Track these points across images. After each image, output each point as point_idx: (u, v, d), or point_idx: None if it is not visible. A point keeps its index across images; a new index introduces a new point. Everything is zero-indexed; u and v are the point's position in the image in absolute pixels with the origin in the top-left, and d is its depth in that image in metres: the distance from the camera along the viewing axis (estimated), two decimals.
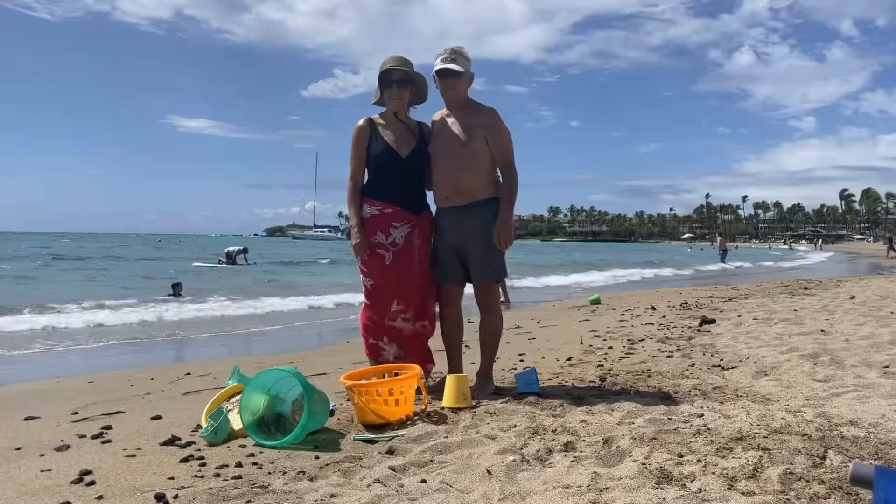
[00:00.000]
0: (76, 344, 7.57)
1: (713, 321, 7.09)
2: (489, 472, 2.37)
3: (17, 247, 45.38)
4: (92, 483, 2.48)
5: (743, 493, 2.13)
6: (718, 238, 34.61)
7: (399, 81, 3.73)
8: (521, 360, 5.08)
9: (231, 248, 27.71)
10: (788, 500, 2.08)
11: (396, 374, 3.46)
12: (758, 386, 3.81)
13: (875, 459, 2.46)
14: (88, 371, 5.57)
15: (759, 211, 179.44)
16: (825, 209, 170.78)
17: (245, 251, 27.51)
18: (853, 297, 9.47)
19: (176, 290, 12.75)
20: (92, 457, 2.82)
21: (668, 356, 5.03)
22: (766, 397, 3.52)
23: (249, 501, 2.24)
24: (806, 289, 12.17)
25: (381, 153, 3.75)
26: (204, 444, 2.95)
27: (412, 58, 3.83)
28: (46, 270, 23.50)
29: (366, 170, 3.84)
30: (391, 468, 2.48)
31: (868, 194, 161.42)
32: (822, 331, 5.98)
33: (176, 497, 2.29)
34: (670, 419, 3.03)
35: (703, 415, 3.10)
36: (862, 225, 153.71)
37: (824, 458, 2.43)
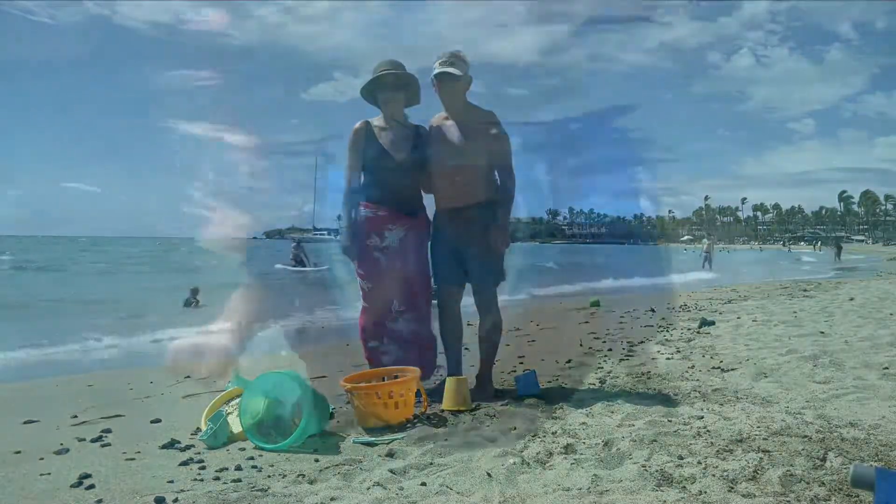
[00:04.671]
0: (75, 347, 7.55)
1: (712, 323, 7.08)
2: (489, 474, 2.37)
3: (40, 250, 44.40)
4: (91, 486, 2.48)
5: (743, 496, 2.13)
6: (705, 241, 28.62)
7: (393, 84, 3.74)
8: (521, 363, 5.07)
9: (293, 252, 22.63)
10: (789, 501, 2.08)
11: (396, 377, 3.46)
12: (757, 388, 3.81)
13: (875, 461, 2.46)
14: (87, 374, 5.55)
15: (758, 213, 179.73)
16: (824, 211, 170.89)
17: (299, 245, 22.98)
18: (852, 299, 9.48)
19: (193, 295, 11.81)
20: (91, 460, 2.82)
21: (668, 358, 5.03)
22: (765, 399, 3.52)
23: None
24: (805, 290, 12.18)
25: (376, 156, 3.75)
26: (203, 448, 2.95)
27: (412, 61, 3.84)
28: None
29: (362, 172, 3.84)
30: (391, 471, 2.48)
31: (867, 196, 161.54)
32: (822, 332, 5.98)
33: (176, 500, 2.29)
34: (670, 421, 3.03)
35: (703, 417, 3.10)
36: (861, 227, 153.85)
37: (824, 459, 2.43)
